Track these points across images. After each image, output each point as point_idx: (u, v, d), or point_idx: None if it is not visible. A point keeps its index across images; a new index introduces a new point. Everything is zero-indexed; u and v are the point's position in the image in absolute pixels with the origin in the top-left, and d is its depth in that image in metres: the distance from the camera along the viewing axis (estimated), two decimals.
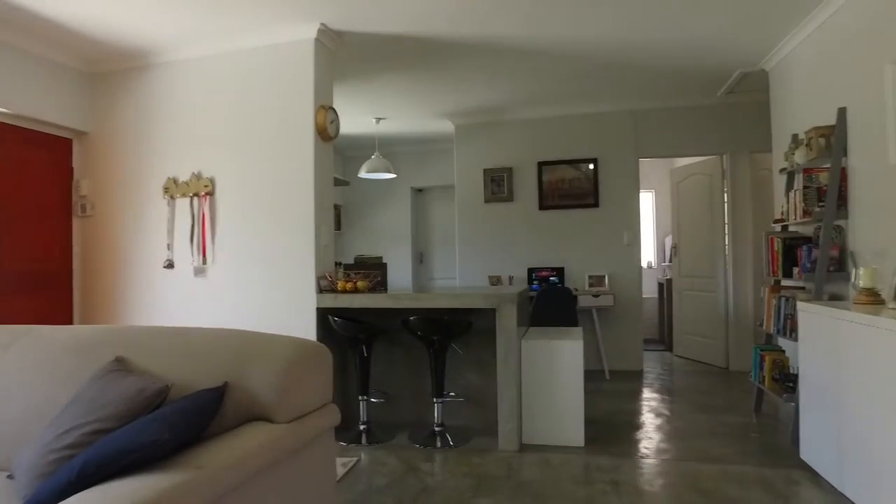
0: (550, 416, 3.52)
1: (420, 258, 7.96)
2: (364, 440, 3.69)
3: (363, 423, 3.78)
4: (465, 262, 6.26)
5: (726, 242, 5.76)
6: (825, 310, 2.80)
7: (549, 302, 4.94)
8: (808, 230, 3.91)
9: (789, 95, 4.29)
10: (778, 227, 4.17)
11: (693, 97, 5.66)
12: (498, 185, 6.13)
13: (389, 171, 6.16)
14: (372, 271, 3.92)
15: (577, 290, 5.77)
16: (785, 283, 4.01)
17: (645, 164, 7.48)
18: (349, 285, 3.75)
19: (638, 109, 5.86)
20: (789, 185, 4.08)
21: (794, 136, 4.07)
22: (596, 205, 5.89)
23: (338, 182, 5.80)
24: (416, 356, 3.97)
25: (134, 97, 4.24)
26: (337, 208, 7.86)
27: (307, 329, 3.73)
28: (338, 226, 7.88)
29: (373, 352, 3.93)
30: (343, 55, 4.27)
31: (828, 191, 3.43)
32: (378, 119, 6.20)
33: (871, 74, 3.13)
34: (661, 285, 7.37)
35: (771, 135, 4.66)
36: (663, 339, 7.23)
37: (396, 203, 7.80)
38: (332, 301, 3.69)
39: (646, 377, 5.54)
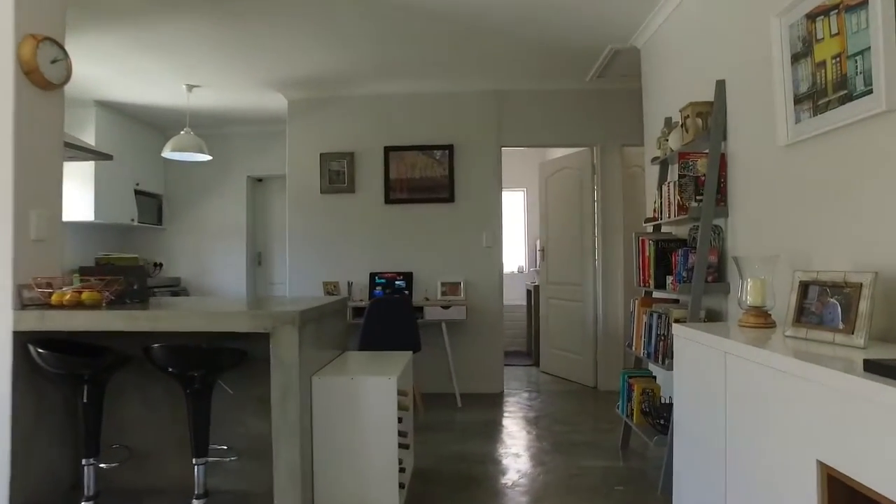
0: (353, 480, 2.54)
1: (258, 260, 6.76)
2: None
3: (88, 499, 2.60)
4: (298, 265, 5.18)
5: (596, 246, 5.12)
6: (708, 338, 2.03)
7: (383, 317, 3.99)
8: (683, 231, 3.23)
9: (663, 73, 3.63)
10: (650, 228, 3.49)
11: (562, 79, 4.95)
12: (337, 173, 5.11)
13: (202, 152, 4.96)
14: (114, 277, 2.76)
15: (427, 299, 4.88)
16: (658, 294, 3.31)
17: (515, 158, 6.80)
18: (68, 297, 2.57)
19: (501, 90, 5.07)
20: (662, 177, 3.40)
21: (668, 120, 3.40)
22: (451, 199, 5.03)
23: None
24: (179, 395, 2.85)
25: None
26: (158, 198, 6.48)
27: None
28: (159, 219, 6.50)
29: (111, 393, 2.77)
30: None
31: (706, 182, 2.73)
32: (190, 86, 4.98)
33: (752, 36, 2.45)
34: (529, 292, 6.68)
35: (643, 126, 4.00)
36: (531, 351, 6.54)
37: (231, 194, 6.55)
38: (36, 322, 2.49)
39: (506, 402, 4.75)
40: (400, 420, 2.64)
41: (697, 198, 2.79)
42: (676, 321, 2.72)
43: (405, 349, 4.08)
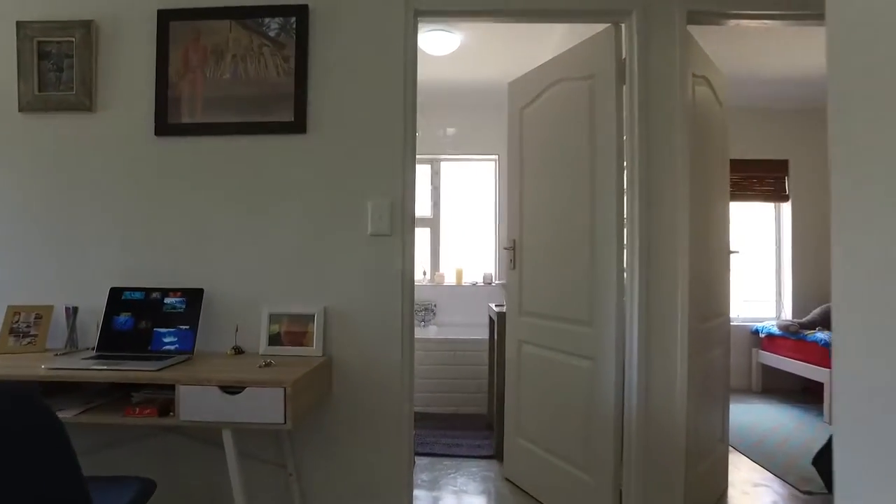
0: None
1: None
2: None
3: None
4: None
5: (626, 243, 2.36)
6: None
7: None
8: None
9: None
10: None
11: None
12: (56, 67, 2.32)
13: None
14: None
15: (242, 350, 2.10)
16: None
17: (482, 108, 4.06)
18: None
19: None
20: None
21: None
22: (301, 129, 2.25)
23: None
24: None
25: None
26: None
27: None
28: None
29: None
30: None
31: None
32: None
33: None
34: (492, 321, 3.90)
35: None
36: (493, 424, 3.75)
37: None
38: None
39: None
40: None
41: None
42: None
43: None
